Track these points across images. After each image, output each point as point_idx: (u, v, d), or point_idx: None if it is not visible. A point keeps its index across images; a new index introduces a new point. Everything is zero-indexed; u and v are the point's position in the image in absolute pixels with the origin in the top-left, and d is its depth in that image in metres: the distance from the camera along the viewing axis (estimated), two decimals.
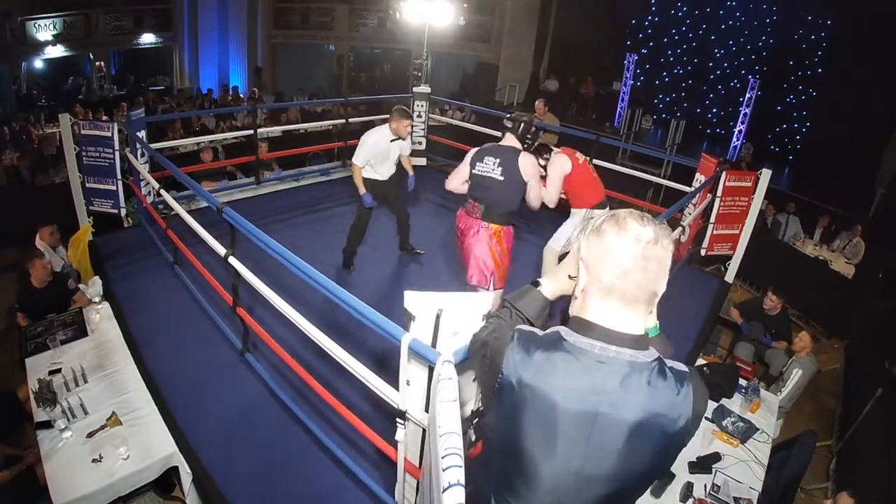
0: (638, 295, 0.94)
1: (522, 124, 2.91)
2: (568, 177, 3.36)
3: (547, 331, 1.02)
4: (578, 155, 3.49)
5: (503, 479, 1.05)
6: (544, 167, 3.28)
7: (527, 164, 2.84)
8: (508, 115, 3.01)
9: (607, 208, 3.54)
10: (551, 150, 3.46)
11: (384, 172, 3.95)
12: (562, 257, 2.36)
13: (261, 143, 5.80)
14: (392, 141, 3.82)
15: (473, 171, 2.92)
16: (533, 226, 4.87)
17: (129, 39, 12.32)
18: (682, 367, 0.98)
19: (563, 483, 0.97)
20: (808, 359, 3.88)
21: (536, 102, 6.67)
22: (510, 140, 2.94)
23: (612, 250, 0.93)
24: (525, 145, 2.94)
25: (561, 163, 3.35)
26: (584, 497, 0.99)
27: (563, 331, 0.99)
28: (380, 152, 3.81)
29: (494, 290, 2.95)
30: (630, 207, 1.06)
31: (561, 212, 3.79)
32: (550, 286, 1.18)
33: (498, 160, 2.85)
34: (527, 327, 1.05)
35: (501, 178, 2.83)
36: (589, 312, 0.98)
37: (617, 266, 0.93)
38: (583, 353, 0.95)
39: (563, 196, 3.51)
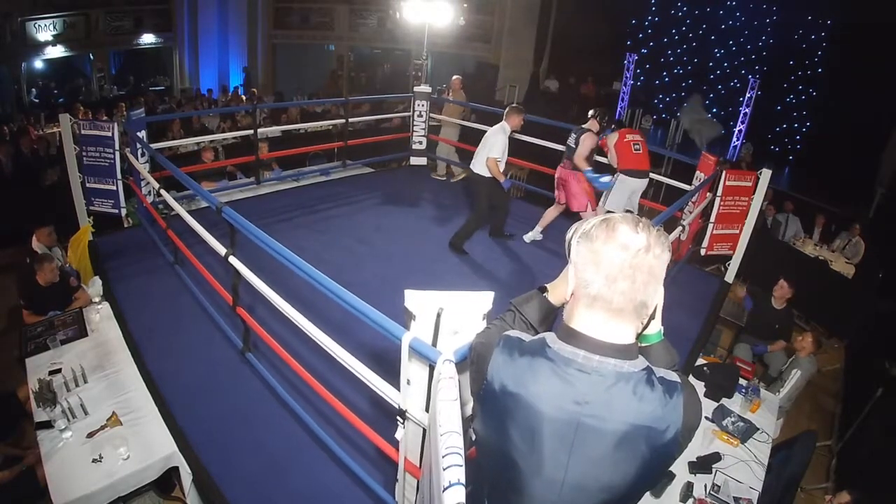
0: (623, 306, 0.89)
1: (601, 114, 4.39)
2: (615, 144, 4.43)
3: (533, 337, 1.00)
4: (628, 135, 4.43)
5: (494, 483, 1.05)
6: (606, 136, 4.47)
7: (585, 138, 4.28)
8: (596, 109, 4.47)
9: (641, 179, 4.40)
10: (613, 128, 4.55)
11: (503, 164, 4.47)
12: None
13: (261, 144, 5.80)
14: (509, 135, 4.44)
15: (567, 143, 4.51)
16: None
17: (129, 39, 12.32)
18: (674, 377, 0.95)
19: (550, 493, 0.96)
20: (807, 359, 3.88)
21: (454, 78, 6.94)
22: (592, 123, 4.35)
23: (599, 257, 0.89)
24: (600, 125, 4.37)
25: (612, 136, 4.47)
26: None
27: (549, 338, 0.97)
28: (507, 145, 4.44)
29: (593, 210, 4.40)
30: None
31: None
32: (556, 292, 1.15)
33: (575, 135, 4.38)
34: (514, 333, 1.02)
35: (573, 145, 4.36)
36: (575, 320, 0.95)
37: (602, 274, 0.89)
38: (566, 362, 0.92)
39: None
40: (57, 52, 11.18)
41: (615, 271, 0.88)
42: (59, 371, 2.86)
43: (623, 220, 0.91)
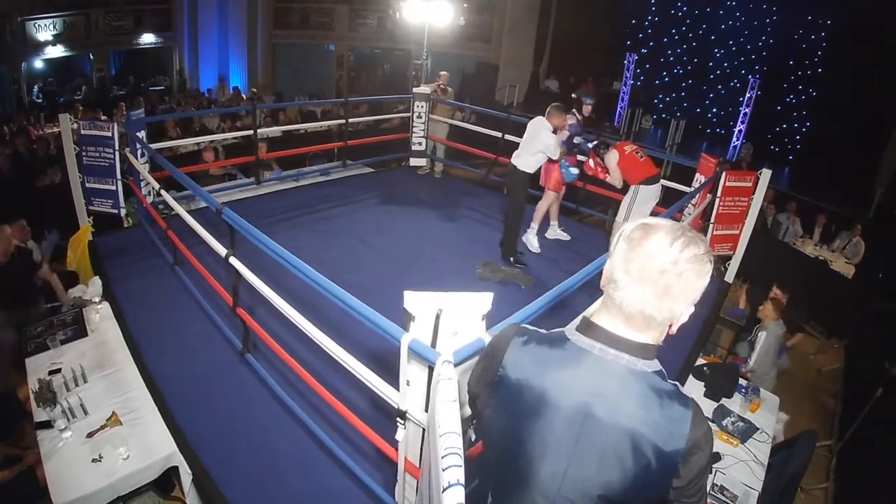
0: (633, 314, 0.90)
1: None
2: (619, 163, 4.30)
3: (551, 330, 1.02)
4: (626, 147, 4.35)
5: (500, 476, 1.05)
6: (602, 159, 4.39)
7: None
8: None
9: (658, 183, 4.31)
10: (608, 146, 4.44)
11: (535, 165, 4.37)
12: None
13: (260, 144, 5.80)
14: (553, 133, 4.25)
15: None
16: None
17: (129, 39, 12.33)
18: (686, 394, 0.96)
19: (553, 483, 0.96)
20: (773, 324, 3.90)
21: (442, 73, 6.93)
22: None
23: (627, 259, 0.90)
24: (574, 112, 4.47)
25: (611, 155, 4.34)
26: (573, 501, 0.97)
27: (567, 330, 1.00)
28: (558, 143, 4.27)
29: (556, 191, 4.60)
30: None
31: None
32: None
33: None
34: (531, 326, 1.05)
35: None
36: (595, 314, 0.97)
37: (625, 276, 0.90)
38: (583, 354, 0.95)
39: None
40: (57, 52, 11.20)
41: (634, 278, 0.89)
42: (59, 371, 2.86)
43: (664, 230, 0.89)
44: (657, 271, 0.87)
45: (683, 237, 0.88)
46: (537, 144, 4.17)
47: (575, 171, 4.40)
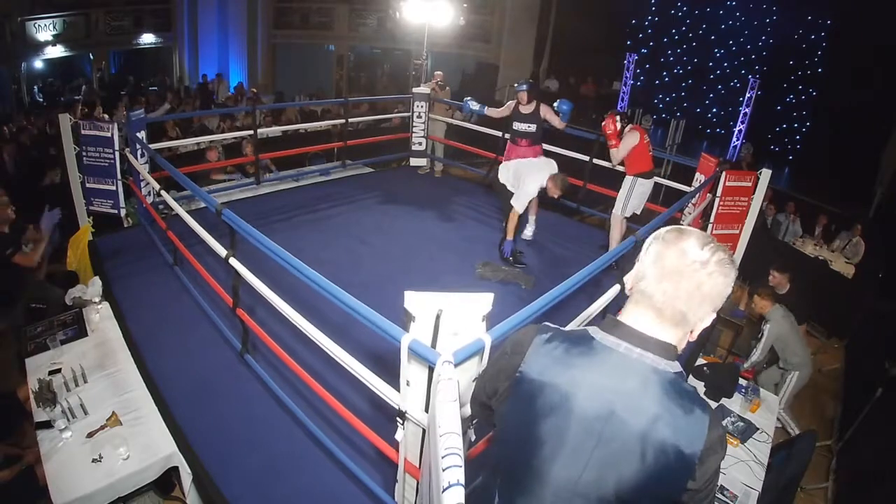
0: (663, 307, 0.94)
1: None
2: (634, 146, 4.24)
3: (575, 328, 1.04)
4: (645, 136, 4.29)
5: (511, 473, 1.05)
6: (620, 132, 4.30)
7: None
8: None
9: (653, 178, 4.39)
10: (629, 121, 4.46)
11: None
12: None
13: (247, 145, 5.78)
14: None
15: None
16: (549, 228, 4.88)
17: (129, 39, 12.34)
18: (704, 398, 0.98)
19: (569, 482, 0.96)
20: (772, 310, 3.83)
21: (437, 72, 7.05)
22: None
23: (660, 255, 0.95)
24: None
25: (632, 135, 4.27)
26: (586, 500, 0.97)
27: (591, 329, 1.01)
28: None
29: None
30: None
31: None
32: None
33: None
34: (552, 324, 1.07)
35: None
36: (623, 313, 1.00)
37: (656, 271, 0.94)
38: (608, 352, 0.96)
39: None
40: (57, 52, 11.20)
41: (667, 272, 0.93)
42: (59, 371, 2.86)
43: (696, 235, 0.96)
44: (690, 268, 0.92)
45: (712, 244, 0.95)
46: (525, 180, 4.20)
47: (476, 105, 5.19)
